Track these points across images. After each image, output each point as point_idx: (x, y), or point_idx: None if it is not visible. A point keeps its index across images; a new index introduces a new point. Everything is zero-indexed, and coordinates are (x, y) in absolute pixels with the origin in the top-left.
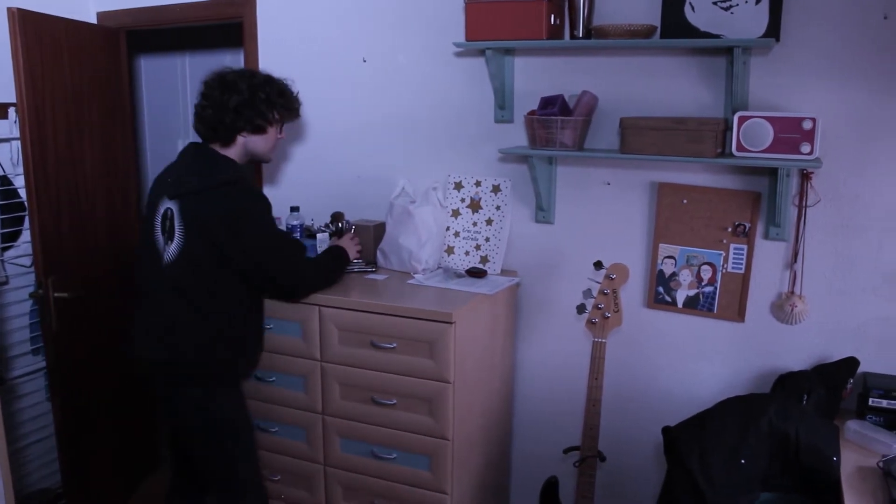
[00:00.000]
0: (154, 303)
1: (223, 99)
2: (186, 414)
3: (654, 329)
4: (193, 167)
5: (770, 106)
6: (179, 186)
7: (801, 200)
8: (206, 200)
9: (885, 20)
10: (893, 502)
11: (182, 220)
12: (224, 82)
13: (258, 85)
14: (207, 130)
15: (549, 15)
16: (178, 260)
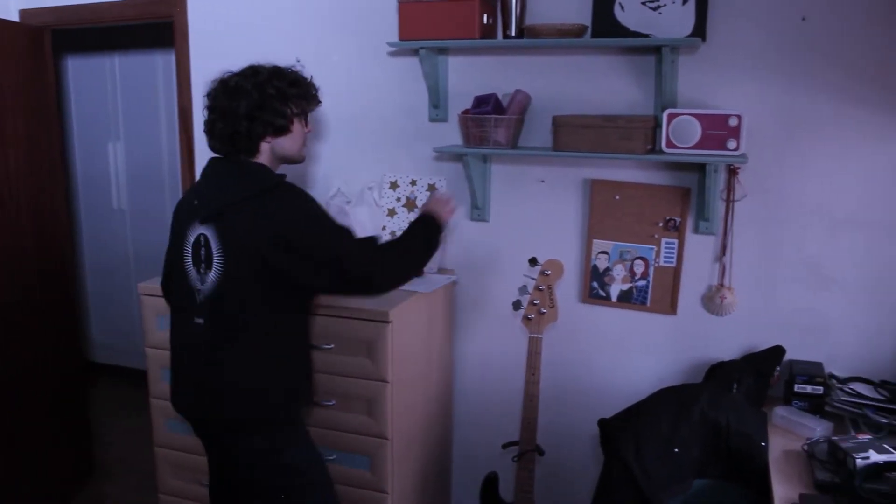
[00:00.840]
0: (193, 351)
1: (232, 107)
2: (249, 466)
3: (589, 323)
4: (223, 183)
5: (698, 103)
6: (211, 207)
7: (729, 195)
8: (248, 215)
9: (803, 21)
10: (817, 483)
11: (221, 243)
12: (227, 88)
13: (264, 81)
14: (225, 145)
15: (481, 14)
16: (219, 290)
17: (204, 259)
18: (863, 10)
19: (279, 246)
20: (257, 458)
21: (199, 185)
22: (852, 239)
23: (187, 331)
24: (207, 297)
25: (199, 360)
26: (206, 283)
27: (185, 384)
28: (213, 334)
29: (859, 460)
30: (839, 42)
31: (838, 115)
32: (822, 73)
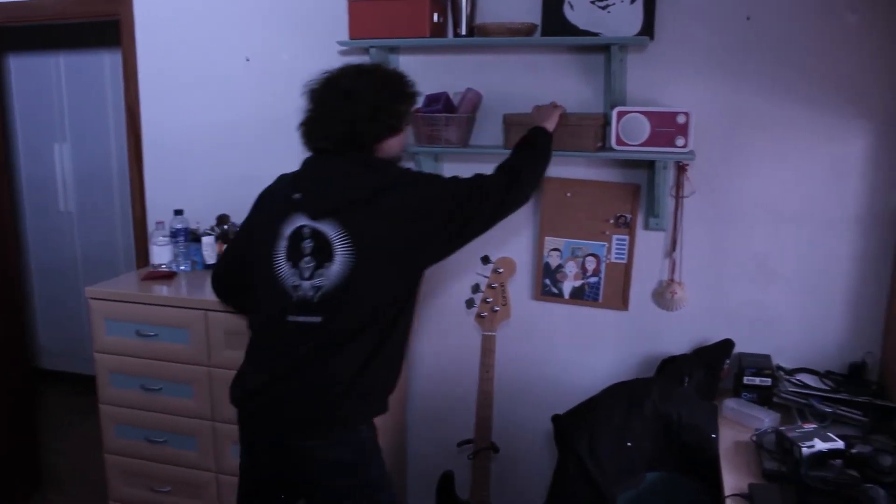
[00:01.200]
0: (294, 349)
1: (351, 108)
2: (330, 474)
3: (542, 320)
4: (346, 178)
5: (647, 101)
6: (332, 201)
7: (678, 191)
8: (389, 204)
9: (748, 21)
10: (765, 472)
11: (350, 236)
12: (341, 89)
13: (379, 83)
14: (340, 144)
15: (432, 13)
16: (345, 283)
17: (315, 253)
18: (805, 11)
19: (439, 220)
20: (339, 473)
21: (300, 180)
22: (797, 234)
23: (283, 329)
24: (326, 292)
25: (306, 359)
26: (320, 278)
27: (273, 385)
28: (330, 330)
29: (805, 449)
30: (783, 42)
31: (783, 114)
32: (767, 72)
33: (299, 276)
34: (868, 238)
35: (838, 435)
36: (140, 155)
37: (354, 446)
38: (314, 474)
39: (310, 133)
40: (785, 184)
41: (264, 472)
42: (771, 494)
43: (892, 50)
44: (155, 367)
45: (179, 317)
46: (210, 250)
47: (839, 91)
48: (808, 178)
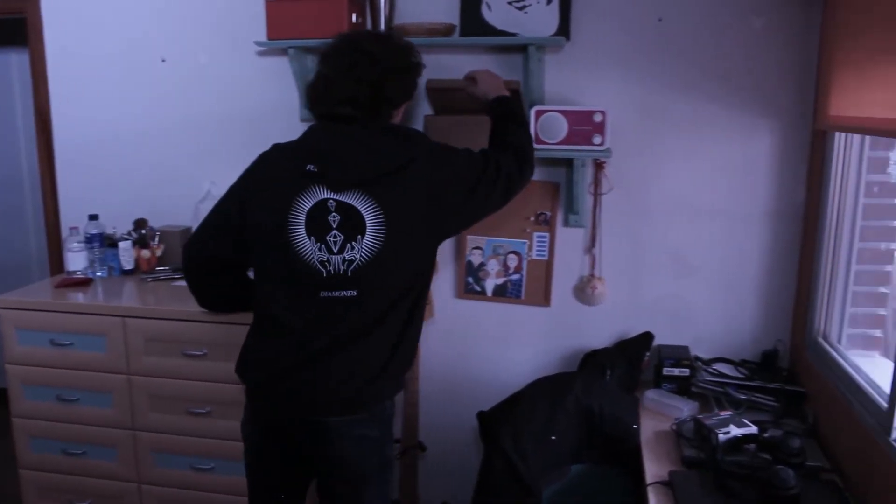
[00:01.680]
0: (324, 326)
1: (378, 71)
2: (359, 449)
3: (466, 319)
4: (373, 149)
5: (564, 100)
6: (359, 173)
7: (596, 189)
8: (414, 172)
9: (660, 22)
10: (684, 459)
11: (382, 208)
12: (366, 51)
13: (400, 49)
14: (361, 109)
15: (350, 14)
16: (381, 257)
17: (343, 227)
18: (714, 14)
19: (464, 192)
20: (366, 450)
21: (312, 150)
22: (710, 228)
23: (317, 306)
24: (360, 266)
25: (347, 334)
26: (351, 251)
27: (310, 362)
28: (367, 304)
29: (721, 435)
30: (694, 42)
31: (696, 112)
32: (679, 71)
33: (328, 251)
34: (777, 232)
35: (752, 420)
36: (52, 158)
37: (382, 422)
38: (344, 450)
39: (325, 96)
40: (699, 180)
41: (285, 453)
42: (690, 480)
43: (796, 52)
44: (71, 376)
45: (96, 324)
46: (127, 255)
47: (748, 91)
48: (721, 174)
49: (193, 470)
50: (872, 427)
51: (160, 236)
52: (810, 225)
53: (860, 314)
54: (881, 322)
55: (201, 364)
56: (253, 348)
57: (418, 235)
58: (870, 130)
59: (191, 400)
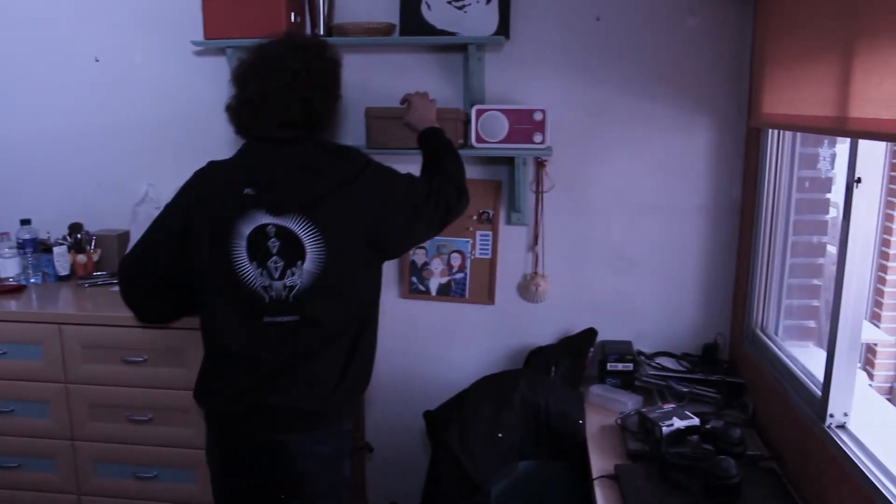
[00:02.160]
0: (272, 349)
1: (303, 87)
2: (316, 467)
3: (410, 318)
4: (310, 170)
5: (505, 99)
6: (297, 196)
7: (538, 187)
8: (354, 197)
9: (598, 21)
10: (630, 453)
11: (321, 231)
12: (287, 69)
13: (319, 51)
14: (296, 129)
15: (288, 13)
16: (321, 281)
17: (283, 252)
18: (650, 13)
19: (406, 212)
20: (323, 466)
21: (249, 173)
22: (651, 224)
23: (262, 331)
24: (301, 291)
25: (292, 357)
26: (291, 277)
27: (261, 385)
28: (310, 327)
29: (665, 428)
30: (631, 41)
31: (635, 109)
32: (618, 69)
33: (269, 277)
34: (715, 227)
35: (694, 412)
36: None
37: (338, 440)
38: (302, 468)
39: (254, 122)
40: (639, 176)
41: (249, 475)
42: (635, 473)
43: (730, 51)
44: (5, 387)
45: (30, 332)
46: (63, 261)
47: (685, 88)
48: (660, 170)
49: (136, 479)
50: (808, 415)
51: (97, 240)
52: (746, 219)
53: (795, 306)
54: (815, 313)
55: (141, 370)
56: (206, 374)
57: (359, 257)
58: (800, 128)
59: (131, 407)
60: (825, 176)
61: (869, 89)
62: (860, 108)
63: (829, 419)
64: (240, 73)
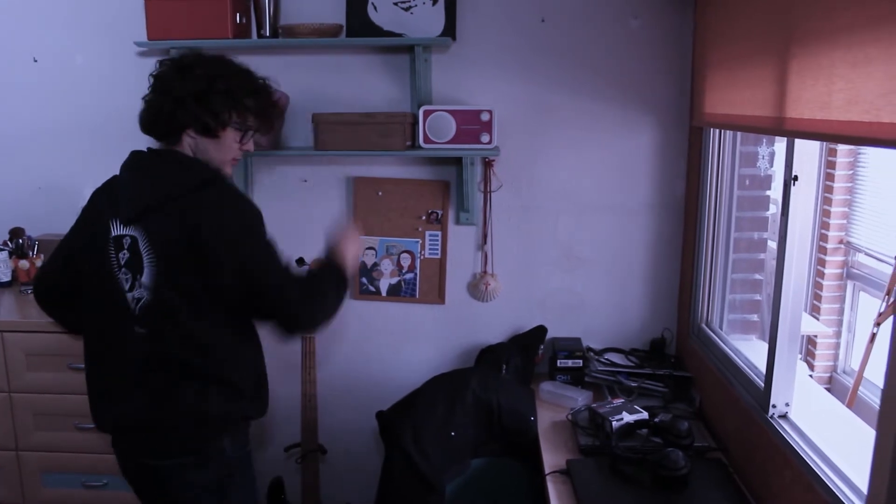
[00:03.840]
0: (134, 362)
1: (171, 85)
2: (189, 494)
3: (361, 319)
4: (150, 177)
5: (452, 100)
6: (136, 204)
7: (486, 186)
8: (178, 214)
9: (543, 23)
10: (581, 448)
11: (151, 244)
12: (179, 66)
13: (221, 75)
14: (148, 124)
15: (234, 14)
16: (154, 298)
17: (130, 264)
18: (594, 15)
19: (222, 237)
20: (200, 494)
21: (119, 179)
22: (598, 222)
23: (125, 339)
24: (144, 305)
25: (143, 372)
26: (138, 289)
27: (123, 397)
28: (154, 343)
29: (614, 423)
30: (576, 42)
31: (581, 109)
32: (563, 70)
33: (130, 287)
34: (661, 224)
35: (643, 406)
36: None
37: (221, 466)
38: (177, 496)
39: (139, 120)
40: (585, 175)
41: (141, 497)
42: (587, 467)
43: (672, 53)
44: None
45: None
46: (4, 267)
47: (629, 89)
48: (606, 169)
49: (85, 487)
50: (751, 406)
51: (39, 245)
52: (690, 217)
53: (738, 300)
54: (757, 307)
55: None
56: (90, 388)
57: (186, 278)
58: (740, 127)
59: (79, 415)
60: (764, 174)
61: (803, 90)
62: (795, 108)
63: (771, 409)
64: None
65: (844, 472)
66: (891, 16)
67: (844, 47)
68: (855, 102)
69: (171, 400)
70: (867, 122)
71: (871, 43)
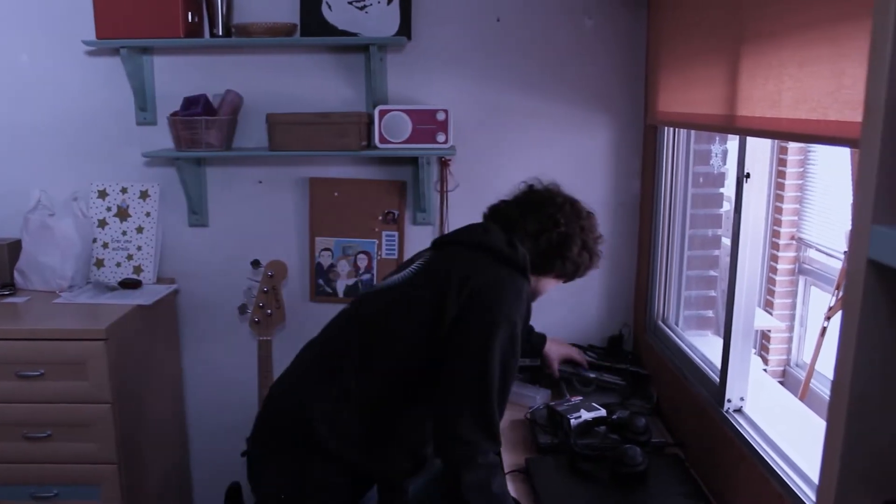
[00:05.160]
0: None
1: (541, 222)
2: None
3: (318, 321)
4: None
5: (408, 100)
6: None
7: (443, 186)
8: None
9: (498, 22)
10: (539, 446)
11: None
12: (558, 206)
13: (591, 249)
14: (498, 222)
15: (185, 12)
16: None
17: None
18: (548, 15)
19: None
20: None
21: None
22: None
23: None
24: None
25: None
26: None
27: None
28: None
29: (573, 420)
30: (531, 42)
31: (536, 109)
32: (519, 70)
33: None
34: (617, 222)
35: (601, 403)
36: None
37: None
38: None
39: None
40: (542, 174)
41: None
42: (545, 466)
43: (626, 52)
44: None
45: None
46: None
47: (584, 88)
48: (563, 168)
49: (34, 499)
50: (707, 401)
51: None
52: (646, 215)
53: (694, 297)
54: (712, 303)
55: (38, 385)
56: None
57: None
58: (693, 125)
59: (28, 424)
60: (718, 171)
61: (754, 89)
62: (747, 107)
63: (727, 404)
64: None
65: (797, 463)
66: (837, 17)
67: (793, 47)
68: (803, 101)
69: None
70: (815, 119)
71: (818, 43)
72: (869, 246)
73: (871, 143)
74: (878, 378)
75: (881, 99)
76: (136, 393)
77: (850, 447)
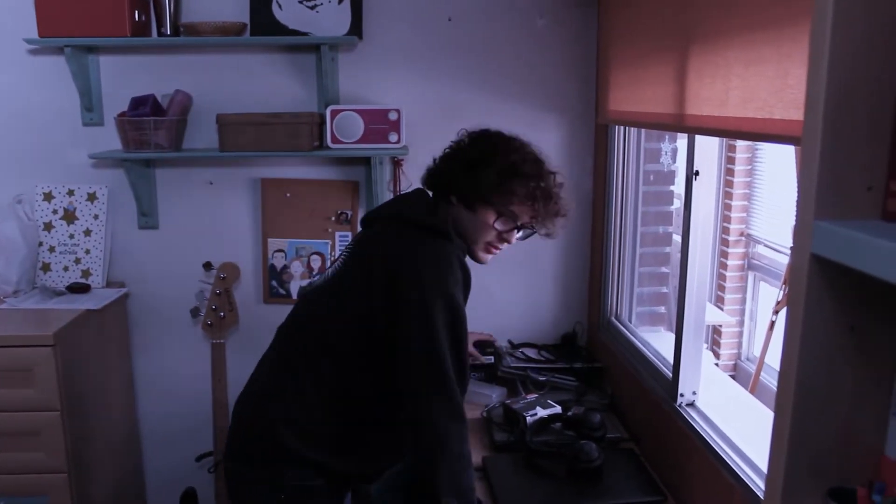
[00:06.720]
0: None
1: (467, 152)
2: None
3: (271, 323)
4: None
5: (360, 99)
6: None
7: (395, 186)
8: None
9: (449, 22)
10: (496, 444)
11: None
12: (487, 139)
13: (528, 174)
14: (427, 176)
15: (132, 10)
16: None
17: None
18: (500, 14)
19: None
20: None
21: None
22: None
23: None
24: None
25: None
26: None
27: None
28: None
29: (528, 418)
30: (484, 41)
31: (489, 107)
32: (471, 69)
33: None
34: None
35: (557, 400)
36: None
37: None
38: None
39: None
40: None
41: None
42: (502, 463)
43: (577, 51)
44: None
45: None
46: None
47: (535, 87)
48: None
49: None
50: (660, 395)
51: None
52: (598, 213)
53: (646, 293)
54: (664, 299)
55: None
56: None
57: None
58: (643, 124)
59: None
60: (668, 169)
61: (702, 89)
62: (695, 105)
63: (679, 398)
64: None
65: (748, 454)
66: (781, 18)
67: (739, 47)
68: (750, 100)
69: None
70: (761, 118)
71: (764, 44)
72: (812, 241)
73: (812, 141)
74: (822, 370)
75: (821, 98)
76: (86, 399)
77: (797, 438)
